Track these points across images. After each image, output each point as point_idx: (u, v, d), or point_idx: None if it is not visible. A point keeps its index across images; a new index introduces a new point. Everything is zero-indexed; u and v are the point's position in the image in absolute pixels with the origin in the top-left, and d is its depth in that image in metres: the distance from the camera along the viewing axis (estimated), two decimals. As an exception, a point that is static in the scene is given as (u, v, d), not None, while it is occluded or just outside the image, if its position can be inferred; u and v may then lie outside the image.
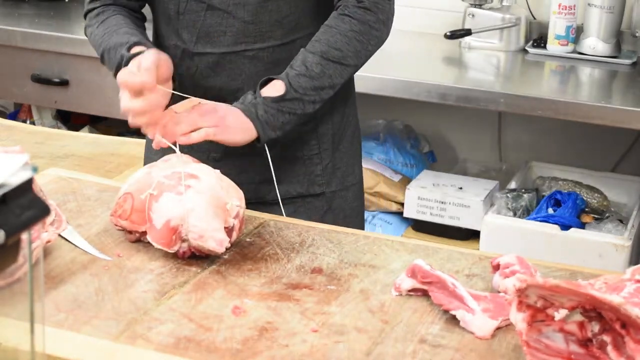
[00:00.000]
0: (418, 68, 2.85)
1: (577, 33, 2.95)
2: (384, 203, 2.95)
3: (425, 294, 1.34)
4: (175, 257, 1.44)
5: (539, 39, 3.04)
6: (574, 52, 2.94)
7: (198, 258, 1.44)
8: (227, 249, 1.43)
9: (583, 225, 2.67)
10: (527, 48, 3.01)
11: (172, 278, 1.38)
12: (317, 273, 1.41)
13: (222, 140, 1.56)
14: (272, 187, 1.73)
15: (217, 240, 1.41)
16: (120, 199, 1.48)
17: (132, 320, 1.26)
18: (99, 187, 1.71)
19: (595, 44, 2.89)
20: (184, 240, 1.42)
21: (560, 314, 1.15)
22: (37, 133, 2.25)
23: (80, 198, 1.65)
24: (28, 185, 0.93)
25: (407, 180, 2.96)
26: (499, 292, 1.33)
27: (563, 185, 2.81)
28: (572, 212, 2.66)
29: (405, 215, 2.89)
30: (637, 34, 2.96)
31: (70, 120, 3.44)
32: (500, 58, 2.97)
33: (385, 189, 2.93)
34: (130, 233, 1.48)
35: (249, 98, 1.59)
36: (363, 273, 1.42)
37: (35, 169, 0.95)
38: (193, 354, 1.18)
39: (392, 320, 1.29)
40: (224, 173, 1.53)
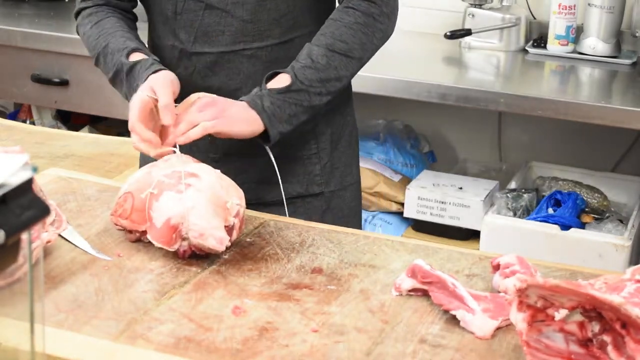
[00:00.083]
0: (418, 68, 2.85)
1: (577, 33, 2.95)
2: (384, 203, 2.95)
3: (426, 294, 1.34)
4: (176, 257, 1.44)
5: (539, 39, 3.04)
6: (574, 52, 2.95)
7: (198, 258, 1.44)
8: (227, 249, 1.43)
9: (583, 225, 2.67)
10: (527, 48, 3.01)
11: (172, 278, 1.38)
12: (317, 273, 1.41)
13: (223, 132, 1.54)
14: (271, 187, 1.73)
15: (217, 239, 1.41)
16: (121, 199, 1.48)
17: (132, 320, 1.26)
18: (99, 187, 1.71)
19: (595, 44, 2.89)
20: (184, 239, 1.42)
21: (561, 314, 1.15)
22: (37, 133, 2.25)
23: (80, 198, 1.65)
24: (28, 185, 0.93)
25: (407, 180, 2.96)
26: (499, 292, 1.33)
27: (563, 185, 2.81)
28: (572, 212, 2.66)
29: (405, 215, 2.89)
30: (637, 34, 2.96)
31: (70, 120, 3.44)
32: (500, 58, 2.97)
33: (385, 189, 2.93)
34: (131, 232, 1.48)
35: (255, 91, 1.59)
36: (363, 273, 1.42)
37: (35, 169, 0.95)
38: (193, 354, 1.18)
39: (392, 320, 1.29)
40: (223, 173, 1.53)
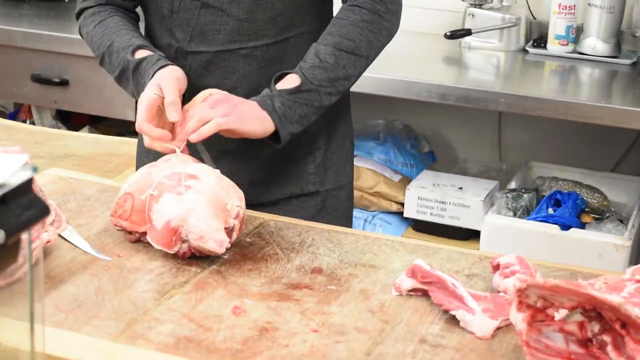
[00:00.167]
0: (418, 68, 2.85)
1: (577, 33, 2.95)
2: (384, 203, 2.95)
3: (426, 294, 1.34)
4: (175, 257, 1.44)
5: (539, 39, 3.04)
6: (574, 52, 2.95)
7: (198, 258, 1.44)
8: (227, 249, 1.43)
9: (583, 225, 2.67)
10: (527, 48, 3.01)
11: (172, 278, 1.38)
12: (317, 273, 1.41)
13: (236, 130, 1.53)
14: (265, 188, 1.73)
15: (217, 241, 1.41)
16: (121, 199, 1.48)
17: (132, 320, 1.26)
18: (99, 187, 1.71)
19: (595, 44, 2.89)
20: (184, 241, 1.42)
21: (560, 314, 1.15)
22: (37, 133, 2.26)
23: (80, 198, 1.65)
24: (28, 185, 0.93)
25: (407, 180, 2.96)
26: (499, 292, 1.33)
27: (563, 185, 2.81)
28: (572, 212, 2.66)
29: (405, 215, 2.89)
30: (637, 34, 2.96)
31: (70, 120, 3.44)
32: (500, 58, 2.97)
33: (385, 189, 2.93)
34: (130, 233, 1.48)
35: (265, 91, 1.59)
36: (363, 273, 1.42)
37: (35, 169, 0.95)
38: (193, 354, 1.18)
39: (392, 320, 1.29)
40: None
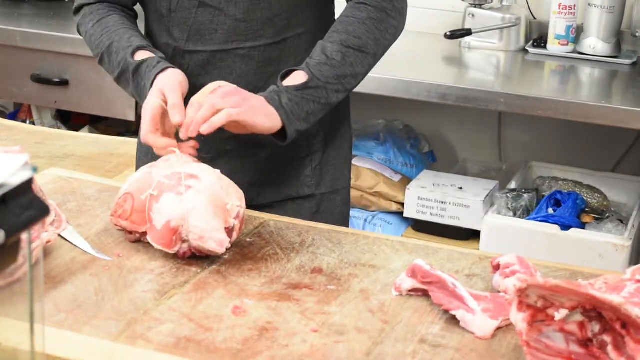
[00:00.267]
0: (418, 68, 2.85)
1: (577, 33, 2.95)
2: (384, 203, 2.95)
3: (426, 294, 1.34)
4: (175, 257, 1.44)
5: (539, 39, 3.04)
6: (574, 52, 2.95)
7: (198, 258, 1.44)
8: (227, 249, 1.43)
9: (583, 225, 2.67)
10: (527, 48, 3.01)
11: (172, 278, 1.38)
12: (317, 273, 1.41)
13: (246, 121, 1.51)
14: (261, 189, 1.72)
15: (217, 241, 1.41)
16: (121, 199, 1.48)
17: (132, 320, 1.26)
18: (99, 187, 1.71)
19: (596, 44, 2.89)
20: (184, 241, 1.42)
21: (561, 314, 1.15)
22: (37, 133, 2.26)
23: (80, 198, 1.65)
24: (28, 185, 0.93)
25: (407, 180, 2.96)
26: (499, 292, 1.33)
27: (563, 185, 2.81)
28: (572, 212, 2.66)
29: (405, 215, 2.89)
30: (637, 34, 2.96)
31: (70, 120, 3.44)
32: (500, 58, 2.97)
33: (385, 189, 2.93)
34: (131, 233, 1.48)
35: (272, 87, 1.57)
36: (363, 273, 1.42)
37: (35, 169, 0.95)
38: (193, 354, 1.18)
39: (392, 320, 1.28)
40: None
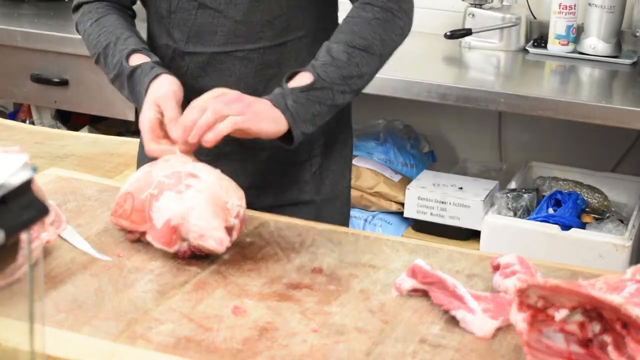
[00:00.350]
0: (418, 68, 2.85)
1: (577, 33, 2.95)
2: (384, 203, 2.95)
3: (426, 294, 1.34)
4: (175, 257, 1.44)
5: (540, 39, 3.04)
6: (575, 51, 2.95)
7: (198, 258, 1.44)
8: (227, 249, 1.43)
9: (583, 225, 2.67)
10: (527, 48, 3.01)
11: (172, 278, 1.38)
12: (317, 273, 1.41)
13: (250, 129, 1.48)
14: (260, 193, 1.70)
15: (217, 240, 1.41)
16: (121, 199, 1.48)
17: (132, 320, 1.26)
18: (99, 187, 1.71)
19: (596, 44, 2.89)
20: (184, 240, 1.42)
21: (561, 314, 1.15)
22: (37, 133, 2.26)
23: (80, 198, 1.65)
24: (28, 185, 0.93)
25: (407, 180, 2.96)
26: (499, 292, 1.33)
27: (563, 185, 2.81)
28: (572, 212, 2.66)
29: (406, 215, 2.89)
30: (637, 34, 2.96)
31: (70, 120, 3.44)
32: (501, 58, 2.97)
33: (385, 189, 2.93)
34: (131, 233, 1.48)
35: (276, 90, 1.55)
36: (363, 273, 1.42)
37: (35, 169, 0.95)
38: (193, 354, 1.18)
39: (392, 320, 1.28)
40: None
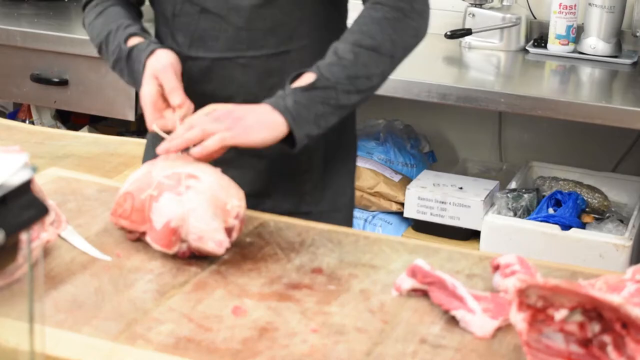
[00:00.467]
0: (418, 68, 2.84)
1: (577, 33, 2.95)
2: (384, 203, 2.95)
3: (426, 294, 1.34)
4: (175, 257, 1.43)
5: (540, 39, 3.04)
6: (575, 51, 2.95)
7: (198, 258, 1.44)
8: (226, 249, 1.43)
9: (583, 225, 2.67)
10: (527, 48, 3.01)
11: (172, 278, 1.38)
12: (317, 273, 1.41)
13: (241, 144, 1.46)
14: (259, 201, 1.67)
15: (216, 242, 1.40)
16: (120, 199, 1.48)
17: (132, 321, 1.26)
18: (99, 187, 1.71)
19: (596, 44, 2.89)
20: (184, 241, 1.42)
21: (561, 314, 1.15)
22: (37, 133, 2.25)
23: (80, 198, 1.65)
24: (28, 185, 0.93)
25: (407, 180, 2.96)
26: (499, 292, 1.33)
27: (563, 185, 2.81)
28: (572, 212, 2.66)
29: (406, 215, 2.89)
30: (637, 34, 2.96)
31: (70, 120, 3.44)
32: (501, 58, 2.97)
33: (385, 189, 2.93)
34: (131, 232, 1.48)
35: (278, 92, 1.52)
36: (363, 273, 1.42)
37: (35, 169, 0.95)
38: (193, 354, 1.18)
39: (392, 321, 1.28)
40: None
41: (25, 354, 1.02)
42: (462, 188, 2.85)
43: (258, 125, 1.47)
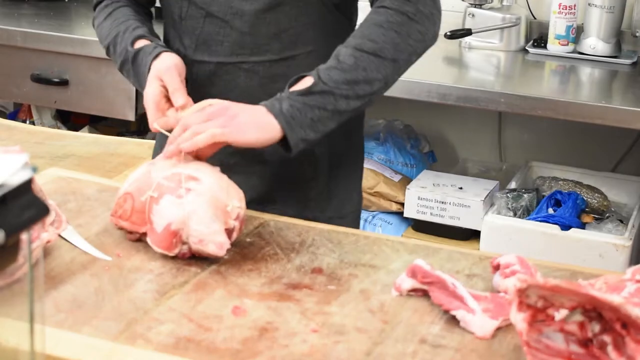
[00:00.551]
0: (418, 68, 2.81)
1: (577, 33, 2.95)
2: (384, 203, 2.95)
3: (426, 294, 1.34)
4: (175, 257, 1.43)
5: (539, 39, 3.04)
6: (574, 52, 2.95)
7: (198, 258, 1.44)
8: (227, 250, 1.43)
9: (583, 225, 2.67)
10: (527, 48, 3.01)
11: (172, 278, 1.38)
12: (317, 273, 1.41)
13: (232, 142, 1.45)
14: (262, 207, 1.65)
15: (217, 244, 1.40)
16: (120, 199, 1.48)
17: (132, 321, 1.26)
18: (99, 187, 1.71)
19: (596, 44, 2.89)
20: (184, 243, 1.42)
21: (561, 314, 1.15)
22: (37, 133, 2.25)
23: (80, 198, 1.65)
24: (28, 185, 0.93)
25: (407, 180, 2.96)
26: (499, 292, 1.33)
27: (563, 185, 2.81)
28: (572, 212, 2.66)
29: (406, 215, 2.89)
30: (637, 34, 2.96)
31: (70, 120, 3.44)
32: (501, 58, 2.97)
33: (385, 189, 2.93)
34: (131, 233, 1.48)
35: (276, 95, 1.50)
36: (363, 273, 1.42)
37: (35, 169, 0.95)
38: (193, 354, 1.18)
39: (392, 321, 1.28)
40: None
41: (25, 354, 1.02)
42: (462, 188, 2.85)
43: (251, 125, 1.46)
